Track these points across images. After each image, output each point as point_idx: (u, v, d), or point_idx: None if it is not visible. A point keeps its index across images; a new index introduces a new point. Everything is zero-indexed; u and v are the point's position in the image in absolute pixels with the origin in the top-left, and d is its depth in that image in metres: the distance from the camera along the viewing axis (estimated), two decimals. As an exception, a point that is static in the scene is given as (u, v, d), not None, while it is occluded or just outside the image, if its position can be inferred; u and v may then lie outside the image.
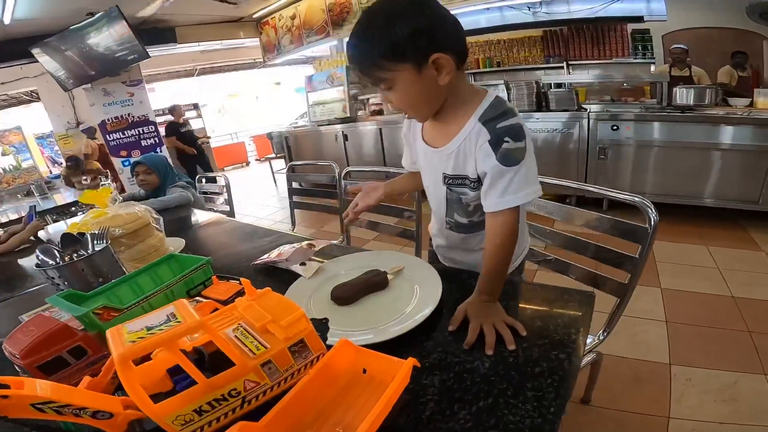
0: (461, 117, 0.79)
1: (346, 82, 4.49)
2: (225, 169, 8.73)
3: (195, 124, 7.44)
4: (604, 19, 4.15)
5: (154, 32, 5.21)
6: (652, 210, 1.02)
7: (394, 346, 0.62)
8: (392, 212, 1.69)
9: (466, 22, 4.20)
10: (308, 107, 5.21)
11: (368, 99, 4.85)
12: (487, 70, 5.14)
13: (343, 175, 1.96)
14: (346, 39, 4.91)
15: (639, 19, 3.91)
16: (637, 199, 1.05)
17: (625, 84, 4.31)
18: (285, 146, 5.45)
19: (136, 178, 2.26)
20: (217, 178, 2.55)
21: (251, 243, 1.31)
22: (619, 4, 3.64)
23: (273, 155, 6.16)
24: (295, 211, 2.47)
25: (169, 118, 5.95)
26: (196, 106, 8.00)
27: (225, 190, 2.45)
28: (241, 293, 0.67)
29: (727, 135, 2.79)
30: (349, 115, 4.68)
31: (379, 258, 0.94)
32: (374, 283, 0.79)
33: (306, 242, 1.03)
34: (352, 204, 1.01)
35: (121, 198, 1.18)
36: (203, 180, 2.62)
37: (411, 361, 0.48)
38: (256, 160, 9.47)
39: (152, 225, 1.18)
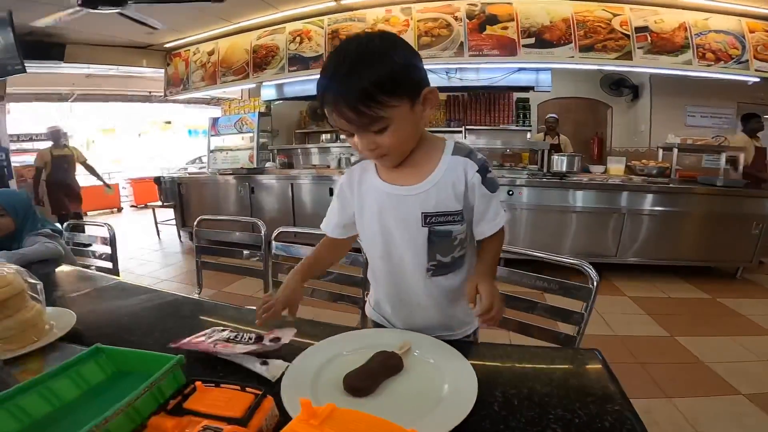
0: (432, 154, 0.81)
1: (256, 129, 4.31)
2: (89, 213, 7.32)
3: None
4: (503, 87, 4.69)
5: (38, 46, 4.42)
6: (592, 271, 1.15)
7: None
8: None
9: None
10: (209, 153, 4.80)
11: (277, 150, 4.71)
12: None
13: (274, 236, 1.76)
14: (266, 83, 4.87)
15: (530, 89, 4.57)
16: (575, 261, 1.18)
17: (508, 150, 5.05)
18: (177, 194, 4.86)
19: None
20: (93, 227, 2.10)
21: (164, 312, 1.06)
22: (517, 74, 4.29)
23: (159, 203, 5.40)
24: (181, 267, 2.12)
25: (43, 145, 4.78)
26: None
27: (109, 243, 2.02)
28: (258, 405, 0.51)
29: (594, 199, 3.42)
30: (256, 165, 4.45)
31: (366, 338, 0.83)
32: (390, 366, 0.69)
33: (267, 336, 0.79)
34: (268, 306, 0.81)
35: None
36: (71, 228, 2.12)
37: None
38: (132, 206, 8.22)
39: (26, 293, 0.88)
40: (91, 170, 4.76)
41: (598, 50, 3.80)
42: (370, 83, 0.64)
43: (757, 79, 3.87)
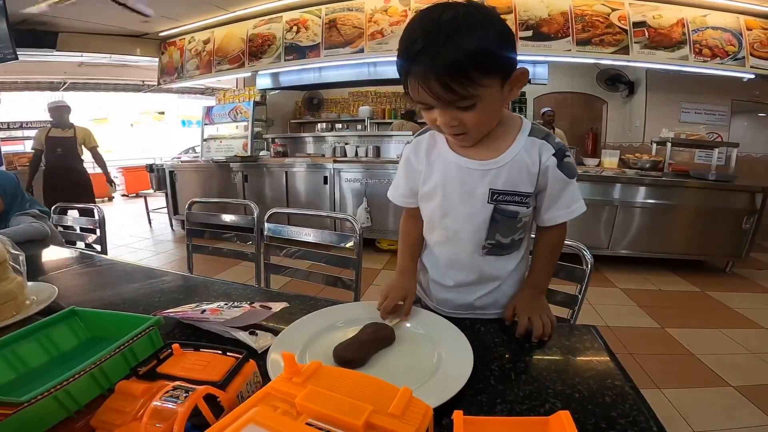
0: (508, 132, 0.78)
1: (251, 118, 4.25)
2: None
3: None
4: None
5: (31, 34, 4.33)
6: (587, 252, 1.15)
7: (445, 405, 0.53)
8: (315, 257, 1.51)
9: (381, 71, 4.43)
10: (202, 141, 4.74)
11: (273, 139, 4.65)
12: (390, 120, 5.47)
13: (267, 217, 1.74)
14: (262, 72, 4.81)
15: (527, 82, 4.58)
16: (571, 243, 1.17)
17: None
18: (168, 182, 4.79)
19: None
20: (87, 210, 2.06)
21: (151, 288, 1.02)
22: None
23: (151, 190, 5.33)
24: (173, 254, 2.08)
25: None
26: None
27: (98, 225, 1.98)
28: (238, 369, 0.49)
29: (588, 191, 3.41)
30: (250, 153, 4.39)
31: (358, 310, 0.81)
32: (382, 338, 0.68)
33: (258, 303, 0.77)
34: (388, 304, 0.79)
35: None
36: (59, 211, 2.07)
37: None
38: (123, 195, 8.11)
39: (8, 264, 0.85)
40: (100, 160, 4.01)
41: (596, 44, 3.79)
42: (465, 59, 0.59)
43: (752, 76, 3.89)
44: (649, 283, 3.23)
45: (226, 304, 0.76)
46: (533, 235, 0.93)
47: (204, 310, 0.72)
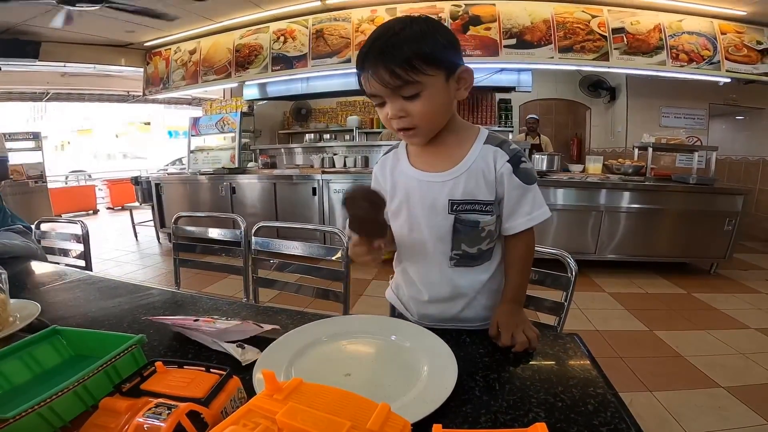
0: (464, 141, 0.80)
1: (238, 129, 4.24)
2: (63, 215, 7.07)
3: (32, 158, 5.98)
4: (485, 88, 4.75)
5: (12, 44, 4.29)
6: (571, 260, 1.16)
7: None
8: (304, 270, 1.51)
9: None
10: (189, 153, 4.70)
11: (261, 150, 4.64)
12: (379, 130, 5.50)
13: (254, 231, 1.72)
14: (249, 82, 4.80)
15: (511, 89, 4.66)
16: (555, 251, 1.19)
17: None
18: (155, 195, 4.73)
19: None
20: (65, 225, 2.02)
21: (136, 303, 1.00)
22: (498, 75, 4.34)
23: (137, 203, 5.26)
24: (159, 268, 2.05)
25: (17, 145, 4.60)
26: (35, 136, 6.26)
27: (81, 240, 1.94)
28: (221, 386, 0.48)
29: (574, 197, 3.48)
30: (237, 165, 4.37)
31: (344, 324, 0.81)
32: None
33: (252, 321, 0.77)
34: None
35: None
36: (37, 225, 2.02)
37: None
38: (108, 208, 7.98)
39: None
40: None
41: (577, 51, 3.88)
42: (410, 49, 0.67)
43: (728, 80, 4.01)
44: (636, 286, 3.27)
45: (219, 317, 0.76)
46: None
47: (197, 319, 0.72)
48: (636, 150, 4.06)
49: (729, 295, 3.10)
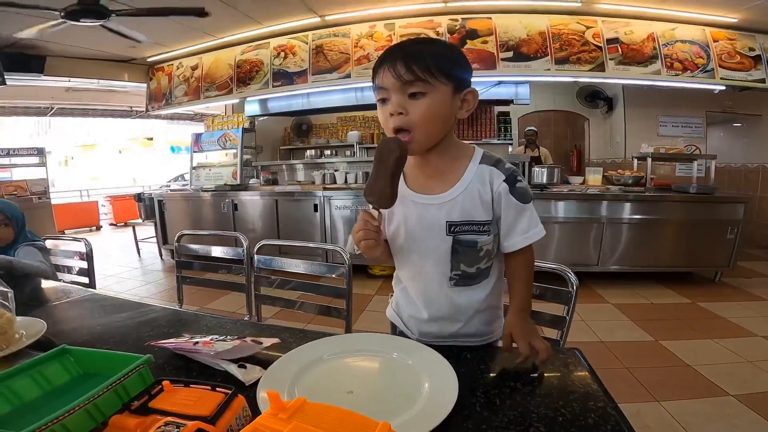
0: (460, 163, 0.82)
1: (240, 145, 4.27)
2: (66, 232, 7.11)
3: (36, 174, 6.04)
4: (484, 101, 4.69)
5: (18, 58, 4.33)
6: (572, 275, 1.16)
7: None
8: (306, 288, 1.52)
9: (368, 96, 4.51)
10: (191, 169, 4.74)
11: (261, 166, 4.66)
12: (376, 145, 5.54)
13: (256, 249, 1.72)
14: (250, 98, 4.86)
15: (509, 102, 4.69)
16: (555, 266, 1.19)
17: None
18: (157, 211, 4.76)
19: None
20: (69, 242, 2.06)
21: (140, 321, 1.02)
22: (496, 88, 4.38)
23: (140, 220, 5.28)
24: (162, 284, 2.06)
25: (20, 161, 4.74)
26: (40, 152, 6.29)
27: (85, 258, 1.97)
28: (227, 405, 0.48)
29: (575, 209, 3.48)
30: (239, 182, 4.40)
31: (346, 342, 0.81)
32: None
33: (250, 338, 0.78)
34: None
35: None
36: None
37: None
38: (111, 224, 8.02)
39: None
40: None
41: (573, 62, 3.93)
42: (430, 57, 0.73)
43: (723, 87, 4.04)
44: (640, 297, 3.25)
45: (218, 338, 0.76)
46: None
47: (197, 342, 0.73)
48: (635, 160, 4.08)
49: (734, 303, 3.08)
